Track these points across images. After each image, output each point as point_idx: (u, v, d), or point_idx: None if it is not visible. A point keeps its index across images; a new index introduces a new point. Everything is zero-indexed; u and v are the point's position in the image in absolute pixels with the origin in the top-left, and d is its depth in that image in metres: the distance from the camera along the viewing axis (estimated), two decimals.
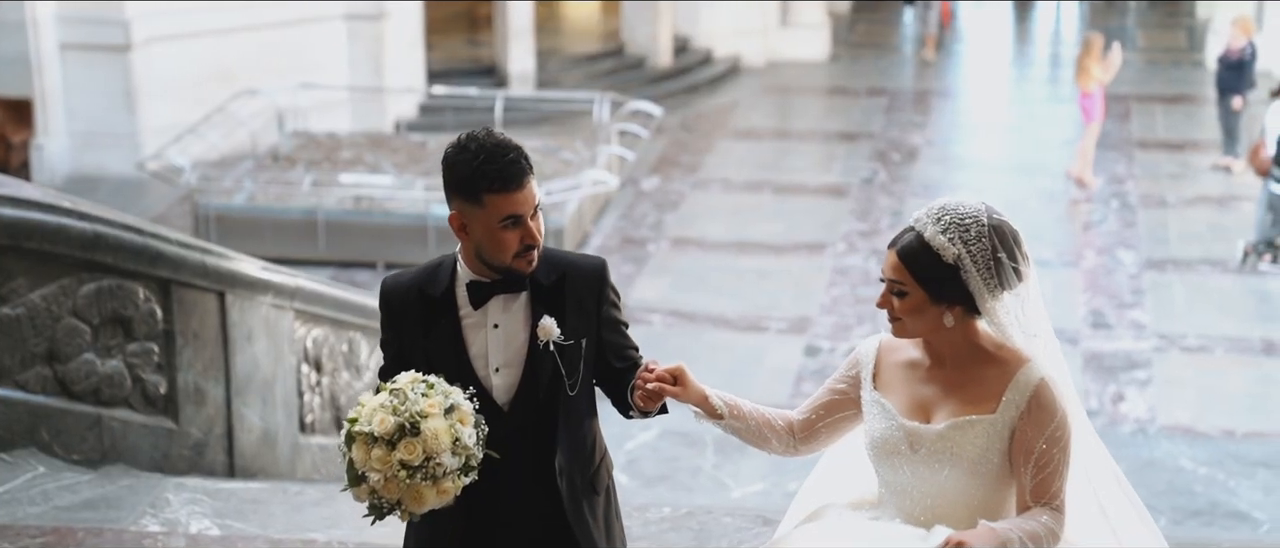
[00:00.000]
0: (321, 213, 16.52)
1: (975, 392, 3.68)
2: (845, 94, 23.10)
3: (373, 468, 3.56)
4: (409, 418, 3.53)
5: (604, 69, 22.78)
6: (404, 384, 3.61)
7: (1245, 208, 17.03)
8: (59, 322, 6.39)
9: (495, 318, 3.80)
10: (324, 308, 7.75)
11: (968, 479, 3.65)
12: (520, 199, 3.67)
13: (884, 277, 3.74)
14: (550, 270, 3.81)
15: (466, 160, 3.67)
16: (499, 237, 3.70)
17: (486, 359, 3.80)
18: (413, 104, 21.25)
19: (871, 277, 15.62)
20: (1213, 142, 19.52)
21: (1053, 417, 3.61)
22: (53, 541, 5.62)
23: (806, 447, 3.95)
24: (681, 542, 5.77)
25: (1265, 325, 14.24)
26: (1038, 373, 3.65)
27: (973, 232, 3.61)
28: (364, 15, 20.56)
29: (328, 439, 7.82)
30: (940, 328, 3.68)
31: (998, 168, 19.55)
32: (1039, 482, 3.60)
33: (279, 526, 5.88)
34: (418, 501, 3.57)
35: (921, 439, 3.69)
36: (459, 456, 3.57)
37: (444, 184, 3.76)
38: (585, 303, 3.84)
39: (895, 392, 3.79)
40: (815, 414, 3.92)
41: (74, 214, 6.40)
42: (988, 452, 3.64)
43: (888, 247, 3.76)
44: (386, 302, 3.91)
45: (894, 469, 3.74)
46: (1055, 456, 3.60)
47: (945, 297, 3.64)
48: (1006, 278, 3.63)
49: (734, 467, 10.45)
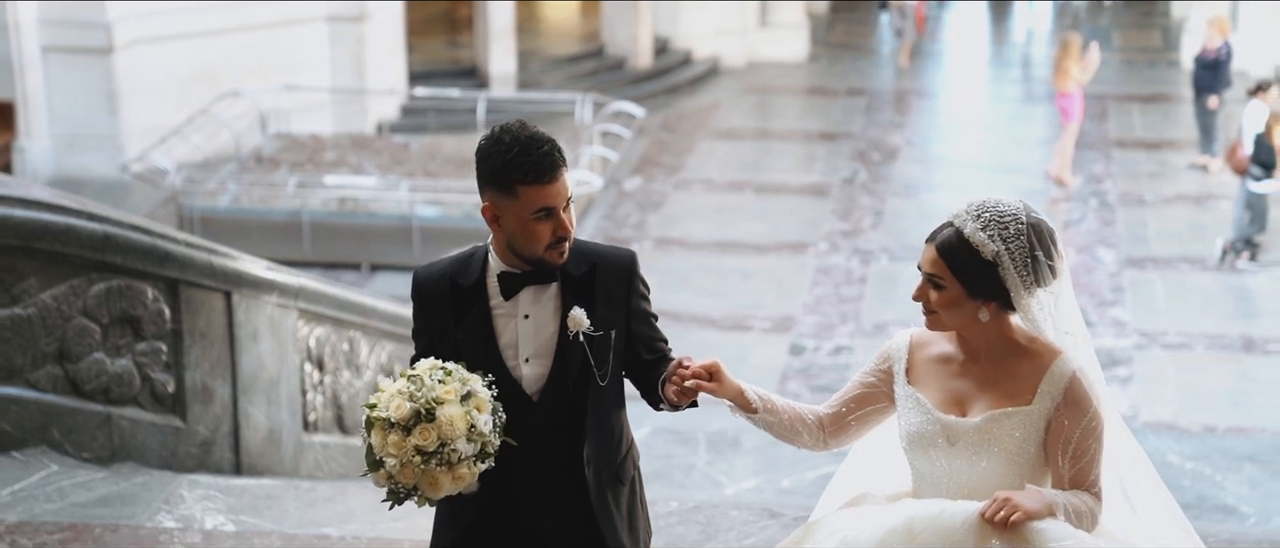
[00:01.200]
0: (306, 214, 16.58)
1: (1010, 385, 3.75)
2: (825, 94, 23.23)
3: (389, 453, 3.59)
4: (425, 404, 3.57)
5: (584, 70, 22.87)
6: (422, 371, 3.65)
7: (1223, 206, 17.20)
8: (69, 321, 6.46)
9: (526, 309, 3.83)
10: (326, 307, 7.83)
11: (1005, 470, 3.73)
12: (553, 191, 3.72)
13: (922, 270, 3.80)
14: (580, 262, 3.85)
15: (500, 152, 3.71)
16: (531, 228, 3.73)
17: (516, 349, 3.84)
18: (394, 106, 21.31)
19: (853, 276, 15.77)
20: (1190, 140, 19.70)
21: (1088, 408, 3.70)
22: (70, 536, 5.69)
23: (836, 441, 4.01)
24: (690, 535, 5.87)
25: (1244, 322, 14.41)
26: (1071, 365, 3.73)
27: (1011, 229, 3.69)
28: (346, 17, 20.61)
29: (330, 438, 7.90)
30: (975, 322, 3.76)
31: (977, 167, 19.70)
32: (1077, 471, 3.69)
33: (292, 521, 5.96)
34: (434, 486, 3.61)
35: (958, 432, 3.76)
36: (474, 442, 3.61)
37: (477, 176, 3.80)
38: (614, 294, 3.88)
39: (929, 386, 3.85)
40: (845, 408, 3.98)
41: (84, 215, 6.47)
42: (1025, 442, 3.72)
43: (926, 241, 3.83)
44: (419, 291, 3.94)
45: (930, 462, 3.81)
46: (1091, 446, 3.69)
47: (982, 292, 3.72)
48: (1042, 275, 3.71)
49: (727, 464, 10.56)
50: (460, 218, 16.80)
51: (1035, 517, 3.53)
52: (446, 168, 18.09)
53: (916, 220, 17.53)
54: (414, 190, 16.96)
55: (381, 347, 8.43)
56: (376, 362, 8.38)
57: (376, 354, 8.39)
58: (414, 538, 5.64)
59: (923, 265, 3.80)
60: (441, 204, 17.11)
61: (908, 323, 13.41)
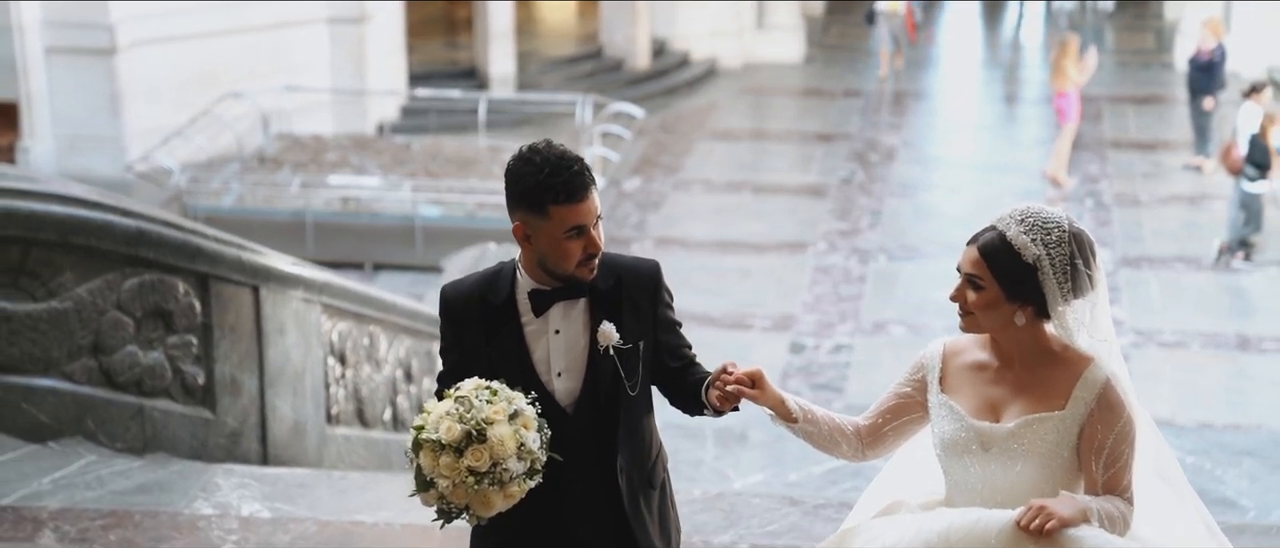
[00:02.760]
0: (309, 214, 16.72)
1: (1044, 391, 3.80)
2: (821, 95, 23.41)
3: (441, 475, 3.63)
4: (475, 425, 3.60)
5: (583, 71, 23.04)
6: (468, 391, 3.68)
7: (1217, 206, 17.38)
8: (104, 315, 6.62)
9: (556, 324, 3.89)
10: (349, 303, 7.99)
11: (1039, 474, 3.78)
12: (585, 210, 3.77)
13: (961, 271, 3.84)
14: (607, 275, 3.90)
15: (531, 173, 3.75)
16: (563, 246, 3.78)
17: (549, 364, 3.89)
18: (395, 106, 21.46)
19: (852, 275, 15.94)
20: (1184, 141, 19.90)
21: (1121, 414, 3.77)
22: (111, 522, 5.85)
23: (873, 452, 4.06)
24: (712, 522, 6.03)
25: (1239, 321, 14.59)
26: (1104, 372, 3.80)
27: (1054, 236, 3.75)
28: (346, 18, 20.75)
29: (351, 431, 8.05)
30: (1010, 326, 3.80)
31: (973, 167, 19.89)
32: (1110, 476, 3.76)
33: (326, 509, 6.12)
34: (485, 505, 3.65)
35: (992, 439, 3.82)
36: (524, 460, 3.65)
37: (507, 195, 3.84)
38: (641, 306, 3.93)
39: (963, 394, 3.90)
40: (881, 419, 4.03)
41: (118, 211, 6.64)
42: (1058, 447, 3.78)
43: (968, 243, 3.85)
44: (448, 309, 3.98)
45: (964, 468, 3.87)
46: (1124, 451, 3.76)
47: (1020, 295, 3.77)
48: (1080, 285, 3.77)
49: (734, 458, 10.72)
50: (462, 218, 16.96)
51: (1070, 524, 3.58)
52: (448, 168, 18.24)
53: (914, 220, 17.73)
54: (417, 190, 17.11)
55: (400, 342, 8.59)
56: (395, 357, 8.54)
57: (395, 349, 8.55)
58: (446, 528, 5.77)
59: (962, 266, 3.84)
60: (444, 204, 17.26)
61: (907, 321, 13.59)
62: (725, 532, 5.94)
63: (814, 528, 5.83)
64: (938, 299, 14.58)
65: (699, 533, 5.90)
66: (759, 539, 5.86)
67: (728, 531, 5.95)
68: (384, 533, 5.88)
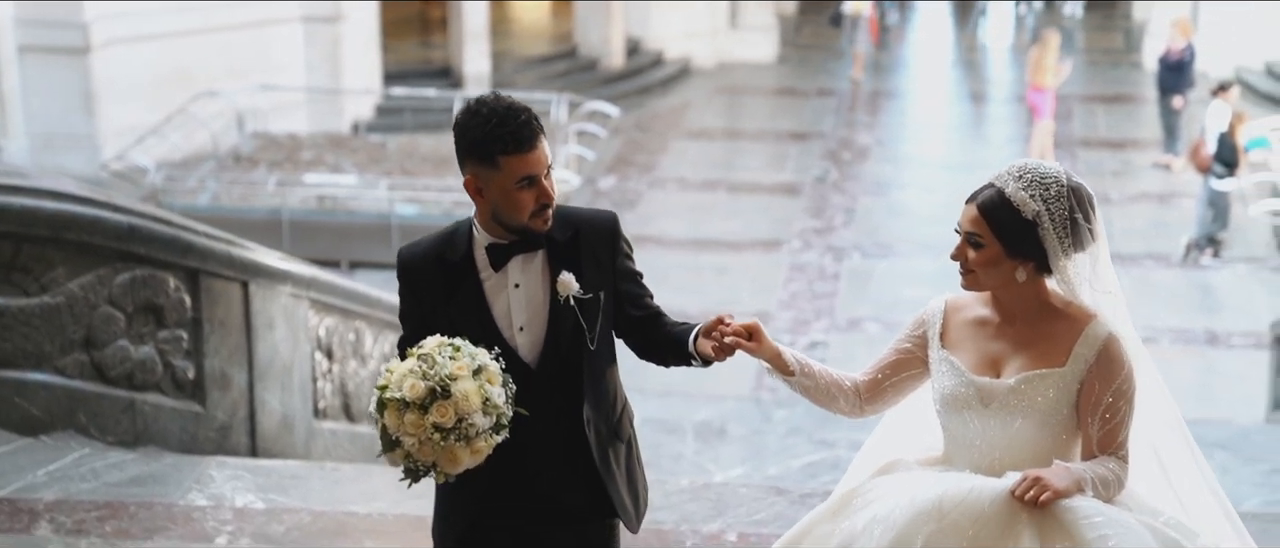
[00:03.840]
0: (286, 213, 16.73)
1: (1045, 347, 3.80)
2: (795, 94, 23.55)
3: (407, 433, 3.61)
4: (439, 382, 3.58)
5: (557, 70, 23.12)
6: (431, 349, 3.65)
7: (1186, 204, 17.56)
8: (96, 310, 6.68)
9: (515, 278, 3.87)
10: (335, 298, 8.07)
11: (1037, 430, 3.79)
12: (534, 159, 3.75)
13: (961, 229, 3.83)
14: (564, 227, 3.89)
15: (479, 124, 3.74)
16: (515, 197, 3.76)
17: (510, 319, 3.88)
18: (369, 105, 21.51)
19: (827, 272, 16.06)
20: (1153, 140, 20.10)
21: (1120, 370, 3.75)
22: (106, 513, 5.92)
23: (872, 407, 4.05)
24: (701, 511, 6.13)
25: (1208, 317, 14.75)
26: (1106, 328, 3.79)
27: (1053, 190, 3.74)
28: (320, 17, 20.80)
29: (338, 425, 8.13)
30: (1011, 283, 3.80)
31: (947, 166, 20.04)
32: (1106, 433, 3.75)
33: (320, 500, 6.20)
34: (452, 461, 3.64)
35: (993, 394, 3.81)
36: (490, 415, 3.64)
37: (457, 149, 3.82)
38: (600, 256, 3.92)
39: (964, 349, 3.89)
40: (881, 374, 4.02)
41: (110, 207, 6.71)
42: (1058, 404, 3.78)
43: (966, 201, 3.86)
44: (406, 271, 3.94)
45: (964, 423, 3.86)
46: (1121, 408, 3.74)
47: (1020, 252, 3.76)
48: (1081, 238, 3.76)
49: (714, 452, 10.81)
50: (439, 216, 16.99)
51: (1064, 495, 3.58)
52: (424, 167, 18.31)
53: (887, 218, 17.87)
54: (393, 189, 17.16)
55: (385, 337, 8.67)
56: (380, 352, 8.61)
57: (380, 345, 8.63)
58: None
59: (962, 224, 3.83)
60: (420, 202, 17.32)
61: (881, 318, 13.66)
62: (713, 521, 6.04)
63: (800, 517, 5.90)
64: (911, 296, 14.72)
65: (687, 522, 6.00)
66: (746, 528, 5.96)
67: (716, 520, 6.05)
68: (377, 523, 5.96)
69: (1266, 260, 16.22)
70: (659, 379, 12.53)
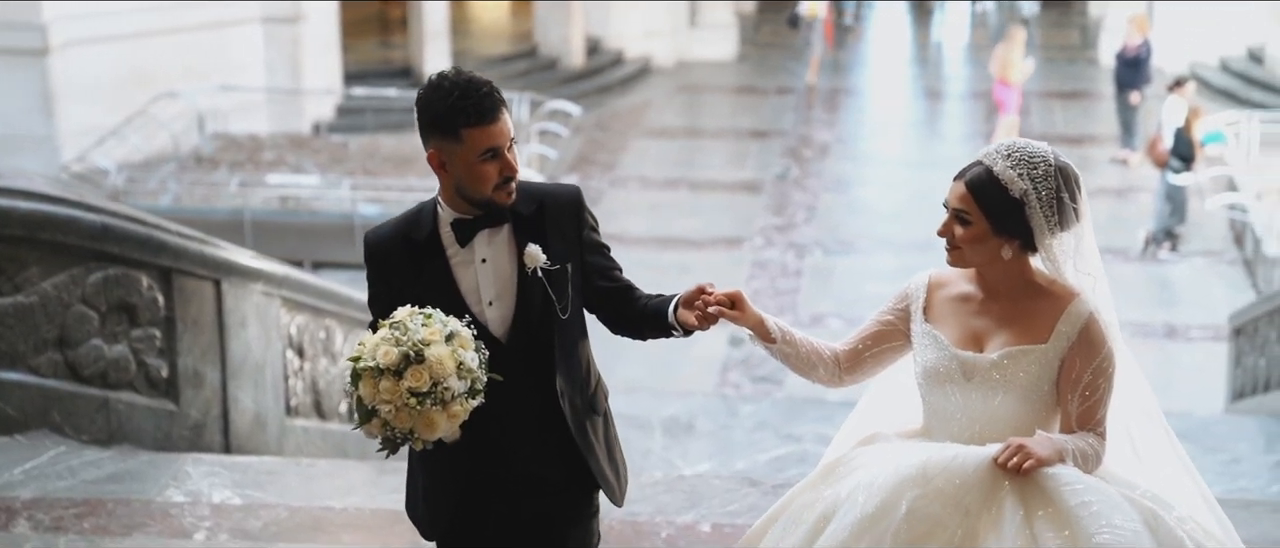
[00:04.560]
0: (248, 213, 16.71)
1: (1028, 323, 3.85)
2: (754, 93, 23.66)
3: (383, 400, 3.60)
4: (412, 347, 3.59)
5: (518, 70, 23.16)
6: (403, 317, 3.67)
7: (1143, 199, 17.75)
8: (69, 309, 6.70)
9: (482, 253, 3.88)
10: (307, 296, 8.10)
11: (1018, 406, 3.85)
12: (497, 131, 3.76)
13: (949, 206, 3.87)
14: (528, 201, 3.89)
15: (442, 98, 3.75)
16: (478, 170, 3.78)
17: (479, 294, 3.89)
18: (330, 105, 21.50)
19: (789, 269, 16.17)
20: (1110, 135, 20.28)
21: (1101, 349, 3.81)
22: (84, 511, 5.94)
23: (851, 377, 4.09)
24: (675, 503, 6.19)
25: (1167, 310, 14.92)
26: (1088, 307, 3.84)
27: (1040, 170, 3.79)
28: (280, 18, 20.78)
29: (310, 422, 8.16)
30: (997, 260, 3.85)
31: (906, 163, 20.18)
32: (1084, 410, 3.81)
33: (296, 495, 6.23)
34: (429, 427, 3.63)
35: (975, 369, 3.86)
36: (465, 379, 3.64)
37: (419, 124, 3.82)
38: (565, 229, 3.93)
39: (947, 324, 3.94)
40: (862, 344, 4.06)
41: (83, 206, 6.73)
42: (1039, 380, 3.83)
43: (954, 178, 3.89)
44: (373, 254, 3.95)
45: (945, 397, 3.91)
46: (1101, 385, 3.81)
47: (1007, 229, 3.80)
48: (1066, 217, 3.80)
49: (682, 447, 10.86)
50: None
51: (1047, 464, 3.65)
52: (386, 167, 18.32)
53: (848, 215, 17.99)
54: (356, 189, 17.17)
55: (355, 335, 8.70)
56: (350, 350, 8.63)
57: (350, 343, 8.66)
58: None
59: (950, 201, 3.87)
60: (383, 202, 17.31)
61: (843, 314, 13.72)
62: (687, 512, 6.10)
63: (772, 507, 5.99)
64: (873, 292, 14.84)
65: (662, 514, 6.05)
66: (720, 519, 6.02)
67: (690, 511, 6.11)
68: (354, 517, 6.00)
69: (1223, 254, 16.41)
70: (625, 375, 12.62)
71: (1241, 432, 10.38)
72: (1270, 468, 9.68)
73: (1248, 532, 5.94)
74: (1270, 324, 10.97)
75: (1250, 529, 6.08)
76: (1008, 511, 3.63)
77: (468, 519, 4.03)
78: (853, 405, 4.33)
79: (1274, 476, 9.59)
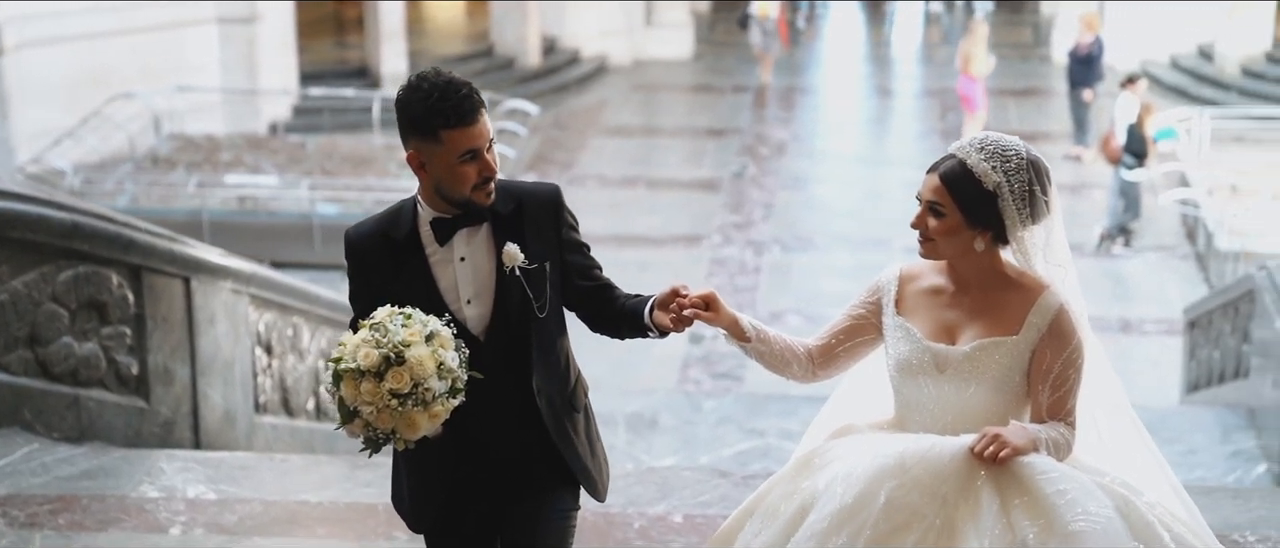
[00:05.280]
0: (206, 214, 16.68)
1: (999, 315, 3.90)
2: (711, 91, 23.76)
3: (364, 402, 3.64)
4: (392, 348, 3.62)
5: (474, 69, 23.14)
6: (382, 318, 3.69)
7: (1097, 195, 17.91)
8: (40, 307, 6.71)
9: (461, 252, 3.90)
10: (274, 293, 8.13)
11: (990, 397, 3.90)
12: (476, 133, 3.79)
13: (922, 198, 3.91)
14: (507, 200, 3.92)
15: (421, 99, 3.77)
16: (458, 171, 3.79)
17: (457, 292, 3.91)
18: (286, 106, 21.47)
19: (748, 266, 16.25)
20: (1063, 132, 20.46)
21: (1071, 340, 3.88)
22: (59, 506, 5.96)
23: (825, 372, 4.13)
24: (647, 494, 6.25)
25: (1121, 305, 15.07)
26: (1058, 299, 3.90)
27: (1013, 163, 3.84)
28: (235, 18, 20.75)
29: (278, 419, 8.19)
30: (969, 252, 3.90)
31: (862, 160, 20.33)
32: (1055, 400, 3.87)
33: (271, 489, 6.27)
34: (411, 427, 3.67)
35: (947, 361, 3.91)
36: (445, 379, 3.68)
37: (399, 125, 3.84)
38: (544, 228, 3.96)
39: (919, 316, 3.99)
40: (834, 339, 4.10)
41: (53, 204, 6.74)
42: (1011, 371, 3.89)
43: (928, 171, 3.94)
44: (353, 252, 3.99)
45: (918, 389, 3.96)
46: (1071, 376, 3.87)
47: (980, 221, 3.86)
48: (1038, 210, 3.86)
49: (646, 443, 10.93)
50: (360, 215, 16.89)
51: (1022, 453, 3.69)
52: (344, 166, 18.32)
53: (805, 212, 18.10)
54: (314, 189, 17.16)
55: (321, 333, 8.74)
56: (317, 347, 8.68)
57: (317, 340, 8.69)
58: (387, 503, 5.92)
59: (923, 194, 3.92)
60: (341, 201, 17.33)
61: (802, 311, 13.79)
62: (659, 503, 6.17)
63: (743, 498, 6.06)
64: (831, 289, 14.96)
65: (634, 505, 6.12)
66: (691, 510, 6.09)
67: (661, 502, 6.18)
68: (329, 511, 6.03)
69: (1176, 249, 16.60)
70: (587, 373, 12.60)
71: (1198, 423, 10.51)
72: (1227, 458, 9.82)
73: (1210, 517, 6.06)
74: (1224, 317, 11.11)
75: (1212, 515, 6.17)
76: (985, 500, 3.68)
77: (453, 515, 4.06)
78: (816, 400, 4.38)
79: (1230, 465, 9.73)
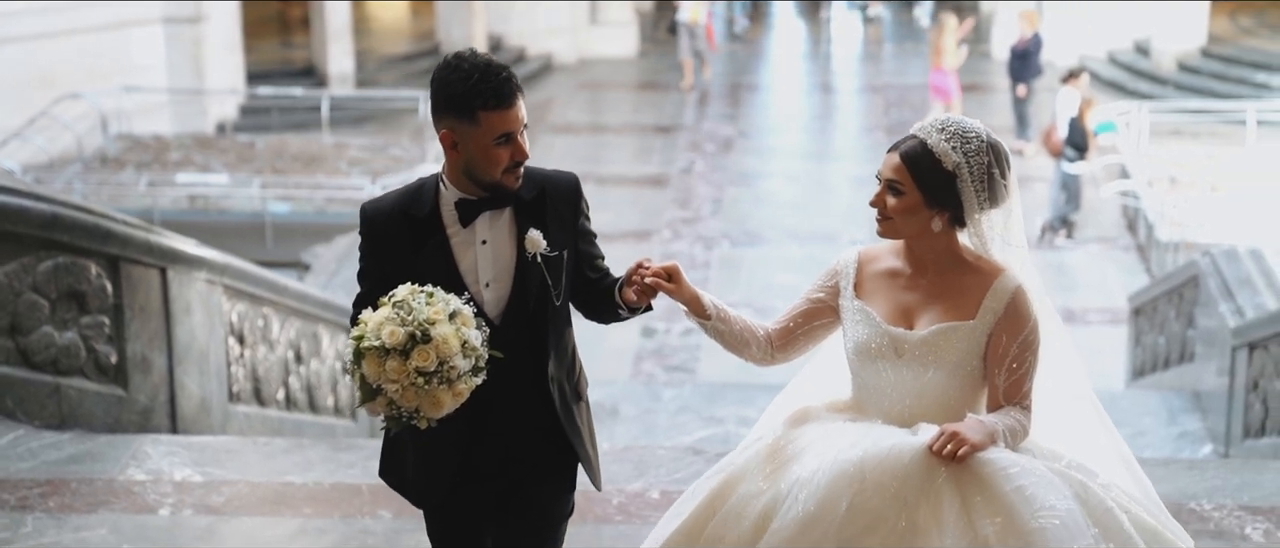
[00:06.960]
0: (157, 214, 16.69)
1: (956, 299, 3.93)
2: (657, 88, 23.95)
3: (389, 380, 3.63)
4: (418, 326, 3.61)
5: (420, 68, 23.26)
6: (405, 296, 3.68)
7: (1038, 188, 18.20)
8: (20, 297, 6.80)
9: (483, 234, 3.89)
10: (247, 284, 8.24)
11: (947, 381, 3.92)
12: (513, 116, 3.80)
13: (882, 177, 3.94)
14: (530, 186, 3.93)
15: (461, 79, 3.77)
16: (492, 153, 3.79)
17: (477, 274, 3.90)
18: (233, 105, 21.51)
19: (698, 261, 16.44)
20: (1006, 127, 20.73)
21: (1026, 323, 3.90)
22: (49, 490, 6.07)
23: (783, 354, 4.15)
24: (623, 472, 6.42)
25: (1064, 295, 15.34)
26: (1014, 282, 3.92)
27: (973, 145, 3.86)
28: (181, 18, 20.78)
29: (250, 409, 8.29)
30: (927, 233, 3.92)
31: (809, 156, 20.58)
32: (1011, 383, 3.90)
33: (257, 471, 6.39)
34: (435, 405, 3.67)
35: (905, 345, 3.94)
36: (469, 357, 3.67)
37: (433, 103, 3.84)
38: (564, 216, 3.99)
39: (877, 299, 4.02)
40: (793, 322, 4.13)
41: (32, 196, 6.84)
42: (968, 356, 3.91)
43: (888, 151, 3.98)
44: (371, 226, 3.96)
45: (877, 373, 3.98)
46: (1027, 359, 3.89)
47: (938, 202, 3.88)
48: (996, 193, 3.89)
49: (607, 431, 11.07)
50: (312, 214, 17.10)
51: (980, 449, 3.71)
52: (294, 165, 18.39)
53: (753, 207, 18.31)
54: (266, 188, 17.23)
55: (290, 324, 8.84)
56: (287, 338, 8.78)
57: (286, 331, 8.80)
58: (371, 483, 6.09)
59: (883, 173, 3.94)
60: (293, 199, 17.40)
61: (753, 304, 13.98)
62: (636, 480, 6.34)
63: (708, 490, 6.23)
64: (781, 282, 15.17)
65: (613, 482, 6.27)
66: (667, 486, 6.26)
67: (638, 479, 6.35)
68: (315, 491, 6.16)
69: (1117, 240, 16.93)
70: None
71: (1145, 406, 10.77)
72: (1174, 439, 10.09)
73: (1167, 487, 6.30)
74: (1170, 303, 11.39)
75: (1169, 485, 6.44)
76: (946, 499, 3.70)
77: (460, 496, 4.08)
78: (773, 388, 4.42)
79: (1178, 447, 9.99)
